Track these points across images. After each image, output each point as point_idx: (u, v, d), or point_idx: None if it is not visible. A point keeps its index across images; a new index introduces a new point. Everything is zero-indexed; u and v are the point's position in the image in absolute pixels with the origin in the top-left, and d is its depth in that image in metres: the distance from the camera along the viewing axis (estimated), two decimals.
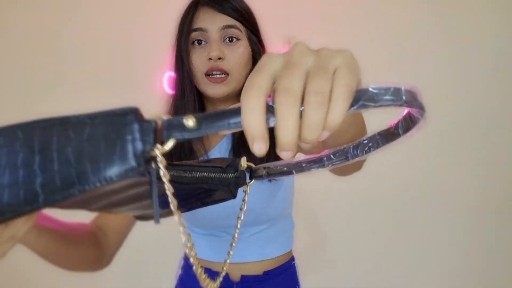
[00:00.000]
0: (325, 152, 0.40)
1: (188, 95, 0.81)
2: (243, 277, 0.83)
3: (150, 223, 0.87)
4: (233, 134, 0.83)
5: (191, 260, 0.34)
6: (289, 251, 0.91)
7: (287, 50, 0.31)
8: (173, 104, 0.84)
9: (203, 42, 0.79)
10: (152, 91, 1.91)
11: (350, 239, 1.99)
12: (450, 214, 2.04)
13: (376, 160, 2.05)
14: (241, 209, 0.45)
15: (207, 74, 0.78)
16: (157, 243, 1.89)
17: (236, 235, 0.49)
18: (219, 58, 0.76)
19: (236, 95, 0.83)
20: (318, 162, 0.41)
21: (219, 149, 0.85)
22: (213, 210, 0.80)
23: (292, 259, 0.92)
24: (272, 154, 0.38)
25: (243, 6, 0.81)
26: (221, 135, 0.86)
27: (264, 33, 0.88)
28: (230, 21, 0.78)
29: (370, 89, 0.32)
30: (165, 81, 1.92)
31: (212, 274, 0.84)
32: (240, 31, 0.79)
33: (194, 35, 0.79)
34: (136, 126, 0.29)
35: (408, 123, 0.38)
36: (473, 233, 2.04)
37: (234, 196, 0.45)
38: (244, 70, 0.80)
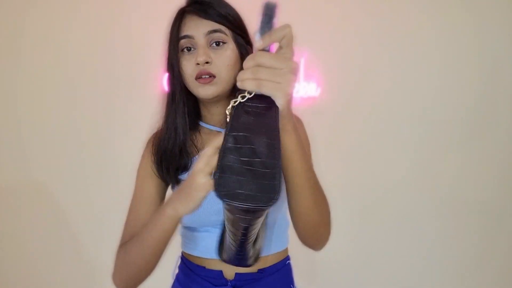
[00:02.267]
0: None
1: (178, 99, 0.86)
2: (237, 275, 0.85)
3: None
4: None
5: None
6: (284, 249, 0.92)
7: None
8: (166, 106, 0.88)
9: (191, 49, 0.82)
10: (152, 91, 1.92)
11: (346, 240, 2.00)
12: (448, 215, 2.05)
13: (373, 161, 2.07)
14: None
15: (197, 78, 0.81)
16: None
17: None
18: (206, 62, 0.80)
19: (226, 96, 0.86)
20: None
21: None
22: (206, 206, 0.82)
23: (287, 258, 0.94)
24: None
25: (228, 11, 0.84)
26: (214, 137, 0.87)
27: None
28: (215, 25, 0.81)
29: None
30: (165, 81, 1.93)
31: (206, 272, 0.86)
32: (225, 35, 0.82)
33: (182, 42, 0.82)
34: None
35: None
36: (471, 233, 2.05)
37: None
38: (232, 71, 0.83)
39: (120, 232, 0.88)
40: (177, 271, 0.94)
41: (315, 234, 0.75)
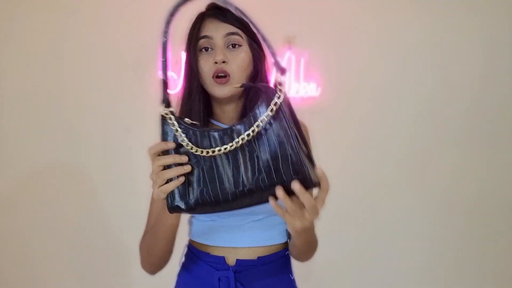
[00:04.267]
0: None
1: (194, 96, 0.91)
2: (238, 261, 0.91)
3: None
4: None
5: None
6: (283, 242, 0.97)
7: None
8: (181, 103, 0.93)
9: (209, 49, 0.89)
10: (152, 91, 1.94)
11: (343, 235, 2.03)
12: (446, 215, 2.07)
13: (373, 161, 2.08)
14: None
15: (214, 77, 0.87)
16: None
17: None
18: (223, 62, 0.86)
19: (239, 96, 0.93)
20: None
21: None
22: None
23: (286, 249, 0.98)
24: None
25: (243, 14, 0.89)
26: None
27: (265, 34, 0.93)
28: (232, 29, 0.88)
29: None
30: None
31: (210, 257, 0.92)
32: (241, 38, 0.89)
33: (202, 42, 0.89)
34: None
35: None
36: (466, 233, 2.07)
37: None
38: (244, 72, 0.89)
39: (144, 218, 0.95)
40: (183, 259, 1.00)
41: (303, 259, 0.97)
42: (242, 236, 0.91)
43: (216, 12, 0.89)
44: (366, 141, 2.06)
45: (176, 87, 1.99)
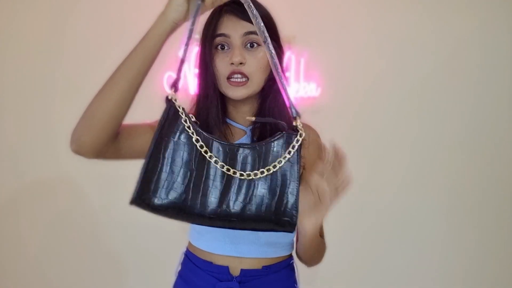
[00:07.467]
0: None
1: (212, 96, 0.86)
2: (242, 271, 0.87)
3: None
4: (252, 132, 0.88)
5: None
6: (289, 254, 0.94)
7: None
8: (197, 104, 0.88)
9: (225, 47, 0.84)
10: (152, 91, 1.91)
11: (348, 243, 2.01)
12: (447, 215, 2.06)
13: (374, 162, 2.07)
14: None
15: (229, 78, 0.83)
16: (157, 239, 1.92)
17: None
18: (240, 63, 0.81)
19: (254, 97, 0.88)
20: None
21: None
22: None
23: (291, 258, 0.95)
24: None
25: (264, 12, 0.85)
26: (242, 134, 0.90)
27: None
28: (251, 27, 0.80)
29: None
30: (165, 81, 1.94)
31: (213, 267, 0.87)
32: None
33: (218, 40, 0.84)
34: None
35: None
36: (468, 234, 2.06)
37: None
38: (263, 74, 0.85)
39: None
40: (180, 268, 0.95)
41: (310, 262, 0.92)
42: (248, 247, 0.87)
43: (234, 8, 0.82)
44: (366, 141, 2.05)
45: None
